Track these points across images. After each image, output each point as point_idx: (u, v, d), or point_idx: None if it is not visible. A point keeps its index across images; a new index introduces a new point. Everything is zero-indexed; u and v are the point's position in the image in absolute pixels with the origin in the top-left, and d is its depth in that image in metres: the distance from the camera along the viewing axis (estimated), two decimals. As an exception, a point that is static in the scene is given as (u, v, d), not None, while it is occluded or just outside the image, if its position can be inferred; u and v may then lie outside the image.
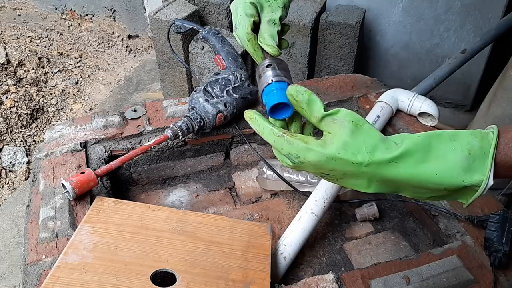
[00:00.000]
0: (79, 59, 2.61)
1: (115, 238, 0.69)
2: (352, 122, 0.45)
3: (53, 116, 2.21)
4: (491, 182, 0.42)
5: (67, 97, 2.34)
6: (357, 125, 0.45)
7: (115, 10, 2.77)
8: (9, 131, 1.99)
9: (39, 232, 0.72)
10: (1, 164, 1.87)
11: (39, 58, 2.43)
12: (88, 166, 0.85)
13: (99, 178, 0.79)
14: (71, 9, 2.86)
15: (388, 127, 1.00)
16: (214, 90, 0.93)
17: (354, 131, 0.45)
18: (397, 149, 0.43)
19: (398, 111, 1.02)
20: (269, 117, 0.55)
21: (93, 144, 0.91)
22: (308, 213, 0.79)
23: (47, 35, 2.71)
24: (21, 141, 2.00)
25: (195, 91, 0.94)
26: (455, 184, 0.43)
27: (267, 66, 0.59)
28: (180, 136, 0.88)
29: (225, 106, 0.92)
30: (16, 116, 2.04)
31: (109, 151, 0.91)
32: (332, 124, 0.46)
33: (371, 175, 0.45)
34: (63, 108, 2.28)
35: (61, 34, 2.76)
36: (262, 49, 0.63)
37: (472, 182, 0.42)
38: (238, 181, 1.00)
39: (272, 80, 0.56)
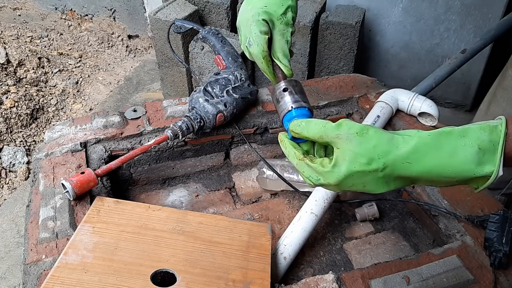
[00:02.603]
0: (79, 59, 2.61)
1: (115, 238, 0.69)
2: (356, 134, 0.47)
3: (53, 116, 2.21)
4: (501, 172, 0.44)
5: (67, 97, 2.34)
6: (362, 134, 0.47)
7: (115, 10, 2.77)
8: (9, 131, 1.99)
9: (39, 232, 0.72)
10: (1, 164, 1.87)
11: (39, 58, 2.43)
12: (88, 166, 0.85)
13: (99, 178, 0.79)
14: (71, 9, 2.86)
15: (388, 127, 1.00)
16: (214, 90, 0.93)
17: (361, 142, 0.46)
18: (406, 145, 0.45)
19: (398, 111, 1.02)
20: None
21: (93, 144, 0.91)
22: (308, 213, 0.79)
23: (47, 35, 2.71)
24: (21, 141, 2.00)
25: (195, 91, 0.94)
26: (467, 177, 0.45)
27: (283, 90, 0.61)
28: (180, 136, 0.88)
29: (225, 106, 0.92)
30: (16, 116, 2.04)
31: (109, 151, 0.91)
32: (339, 140, 0.48)
33: (388, 177, 0.47)
34: (63, 108, 2.28)
35: (61, 34, 2.76)
36: (273, 65, 0.66)
37: (483, 174, 0.44)
38: (238, 181, 1.00)
39: (292, 107, 0.59)
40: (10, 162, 1.88)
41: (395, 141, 0.46)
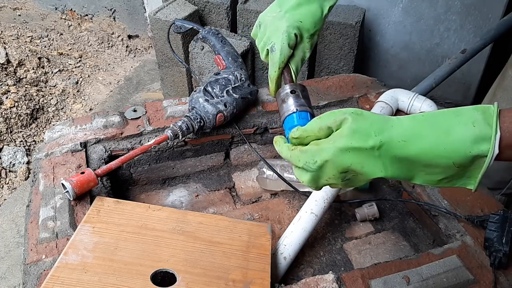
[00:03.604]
0: (79, 59, 2.61)
1: (115, 238, 0.69)
2: (352, 113, 0.48)
3: (53, 116, 2.21)
4: (496, 151, 0.43)
5: (67, 97, 2.34)
6: (357, 114, 0.48)
7: (115, 10, 2.77)
8: (9, 131, 1.99)
9: (39, 232, 0.72)
10: (1, 164, 1.87)
11: (39, 58, 2.43)
12: (88, 166, 0.85)
13: (99, 178, 0.79)
14: (71, 9, 2.86)
15: (388, 127, 1.00)
16: (214, 90, 0.93)
17: (357, 119, 0.47)
18: (401, 124, 0.46)
19: (398, 111, 1.02)
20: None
21: (93, 144, 0.91)
22: (308, 213, 0.79)
23: (47, 35, 2.71)
24: (21, 141, 2.00)
25: (195, 91, 0.94)
26: (463, 156, 0.44)
27: (291, 92, 0.62)
28: (180, 136, 0.88)
29: (225, 106, 0.91)
30: (16, 116, 2.04)
31: (109, 151, 0.91)
32: (336, 123, 0.48)
33: (385, 157, 0.46)
34: (63, 108, 2.28)
35: (61, 34, 2.76)
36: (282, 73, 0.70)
37: (479, 152, 0.44)
38: (238, 181, 1.00)
39: (296, 109, 0.59)
40: (10, 162, 1.88)
41: (390, 121, 0.47)
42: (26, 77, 2.29)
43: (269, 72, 0.70)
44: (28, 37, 2.63)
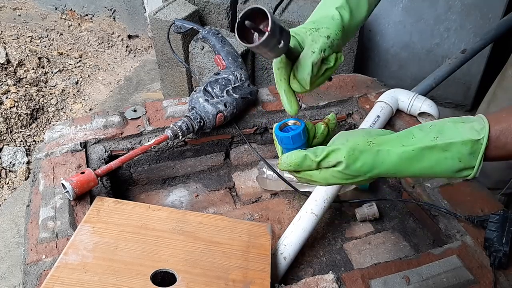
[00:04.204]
0: (79, 59, 2.61)
1: (115, 238, 0.69)
2: (344, 158, 0.49)
3: (53, 116, 2.21)
4: (477, 175, 0.49)
5: (67, 97, 2.34)
6: (349, 157, 0.49)
7: (115, 10, 2.76)
8: (9, 131, 1.99)
9: (39, 232, 0.72)
10: (1, 164, 1.87)
11: (39, 58, 2.43)
12: (88, 166, 0.85)
13: (99, 178, 0.79)
14: (71, 9, 2.86)
15: (388, 127, 1.00)
16: (214, 90, 0.93)
17: (349, 165, 0.49)
18: (390, 160, 0.49)
19: (398, 111, 1.02)
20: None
21: (93, 144, 0.91)
22: (308, 213, 0.79)
23: (47, 35, 2.71)
24: (21, 141, 2.00)
25: (195, 91, 0.94)
26: (447, 178, 0.51)
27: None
28: (180, 136, 0.88)
29: (225, 106, 0.91)
30: (16, 116, 2.04)
31: (109, 151, 0.91)
32: (329, 164, 0.51)
33: (373, 178, 0.51)
34: (63, 108, 2.28)
35: (61, 34, 2.75)
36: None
37: (462, 177, 0.49)
38: (238, 181, 1.00)
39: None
40: (10, 162, 1.88)
41: (380, 157, 0.49)
42: (26, 77, 2.29)
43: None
44: (28, 37, 2.63)
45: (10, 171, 1.88)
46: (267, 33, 0.45)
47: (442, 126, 0.49)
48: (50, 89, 2.34)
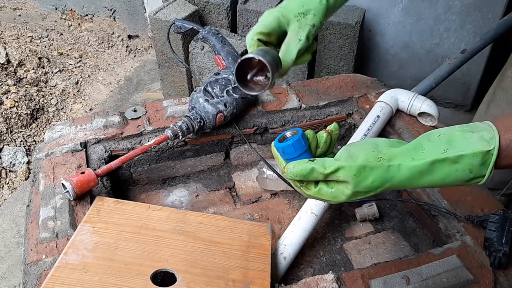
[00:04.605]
0: (79, 59, 2.61)
1: (115, 238, 0.69)
2: (354, 176, 0.48)
3: (53, 116, 2.21)
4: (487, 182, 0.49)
5: (67, 97, 2.34)
6: (360, 174, 0.48)
7: (115, 10, 2.77)
8: (9, 131, 1.99)
9: (39, 232, 0.72)
10: (1, 164, 1.87)
11: (39, 58, 2.43)
12: (88, 166, 0.85)
13: (99, 178, 0.79)
14: (71, 9, 2.86)
15: (388, 127, 1.00)
16: (214, 90, 0.93)
17: (359, 182, 0.49)
18: (401, 175, 0.49)
19: (398, 111, 1.02)
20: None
21: (93, 144, 0.91)
22: (308, 213, 0.79)
23: (47, 35, 2.71)
24: (21, 141, 2.00)
25: (195, 91, 0.94)
26: (458, 186, 0.49)
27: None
28: (180, 136, 0.88)
29: (225, 106, 0.92)
30: (16, 116, 2.04)
31: (109, 151, 0.91)
32: (337, 180, 0.50)
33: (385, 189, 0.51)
34: (63, 108, 2.28)
35: (61, 34, 2.76)
36: None
37: (472, 183, 0.49)
38: (238, 181, 1.00)
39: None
40: (10, 162, 1.88)
41: (391, 172, 0.49)
42: (26, 77, 2.29)
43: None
44: (28, 37, 2.64)
45: (10, 171, 1.88)
46: (270, 81, 0.53)
47: (451, 136, 0.49)
48: (50, 89, 2.34)
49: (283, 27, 0.66)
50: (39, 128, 2.11)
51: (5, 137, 1.96)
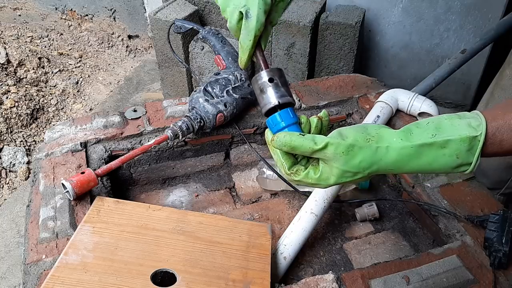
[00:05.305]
0: (79, 59, 2.61)
1: (115, 238, 0.69)
2: (342, 153, 0.49)
3: (53, 116, 2.21)
4: (474, 169, 0.50)
5: (67, 97, 2.34)
6: (348, 152, 0.49)
7: (115, 10, 2.77)
8: (9, 131, 1.99)
9: (39, 232, 0.72)
10: (1, 164, 1.87)
11: (39, 58, 2.43)
12: (88, 166, 0.85)
13: (99, 178, 0.79)
14: (71, 9, 2.86)
15: (388, 127, 1.00)
16: (214, 90, 0.93)
17: (348, 160, 0.49)
18: (389, 157, 0.49)
19: (398, 111, 1.02)
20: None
21: (93, 144, 0.91)
22: (308, 213, 0.79)
23: (47, 35, 2.71)
24: (21, 141, 2.00)
25: (195, 91, 0.94)
26: (445, 173, 0.51)
27: (269, 81, 0.57)
28: (180, 136, 0.88)
29: (225, 106, 0.92)
30: (16, 116, 2.04)
31: (109, 151, 0.91)
32: (326, 158, 0.50)
33: (372, 175, 0.51)
34: (63, 108, 2.28)
35: (61, 34, 2.76)
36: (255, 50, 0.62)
37: (459, 172, 0.50)
38: (238, 181, 1.00)
39: (278, 102, 0.56)
40: (10, 162, 1.88)
41: (379, 154, 0.49)
42: (26, 77, 2.29)
43: (241, 40, 0.61)
44: (28, 37, 2.64)
45: (10, 171, 1.88)
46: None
47: (439, 123, 0.50)
48: (50, 89, 2.34)
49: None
50: (39, 128, 2.11)
51: (5, 137, 1.96)
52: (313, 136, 0.50)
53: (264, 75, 0.58)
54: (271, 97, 0.57)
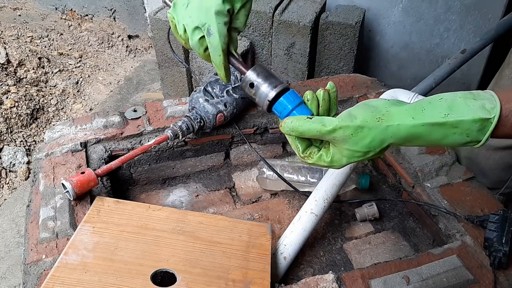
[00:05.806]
0: (79, 59, 2.61)
1: (115, 238, 0.69)
2: (352, 135, 0.49)
3: (53, 116, 2.21)
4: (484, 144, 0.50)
5: (67, 97, 2.34)
6: (357, 134, 0.49)
7: (115, 10, 2.77)
8: (9, 131, 1.99)
9: (39, 232, 0.72)
10: (1, 164, 1.87)
11: (39, 58, 2.43)
12: (88, 166, 0.85)
13: (99, 178, 0.79)
14: (71, 9, 2.86)
15: (388, 127, 1.00)
16: (214, 90, 0.93)
17: (357, 141, 0.49)
18: (400, 134, 0.49)
19: (398, 111, 1.02)
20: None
21: (93, 144, 0.91)
22: (308, 213, 0.79)
23: (47, 35, 2.71)
24: (21, 141, 2.00)
25: (195, 91, 0.94)
26: (453, 146, 0.50)
27: (253, 82, 0.57)
28: (180, 136, 0.88)
29: (225, 106, 0.92)
30: (16, 116, 2.04)
31: (109, 151, 0.91)
32: (335, 141, 0.50)
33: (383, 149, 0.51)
34: (63, 108, 2.28)
35: (61, 34, 2.76)
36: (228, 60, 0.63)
37: (468, 146, 0.50)
38: (238, 181, 1.00)
39: (273, 94, 0.55)
40: (10, 162, 1.88)
41: (389, 132, 0.49)
42: (26, 77, 2.29)
43: (213, 59, 0.62)
44: (28, 37, 2.64)
45: (10, 171, 1.88)
46: None
47: (453, 101, 0.49)
48: (50, 89, 2.34)
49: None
50: (39, 128, 2.11)
51: (5, 137, 1.96)
52: (321, 118, 0.50)
53: (247, 78, 0.58)
54: (263, 93, 0.57)
